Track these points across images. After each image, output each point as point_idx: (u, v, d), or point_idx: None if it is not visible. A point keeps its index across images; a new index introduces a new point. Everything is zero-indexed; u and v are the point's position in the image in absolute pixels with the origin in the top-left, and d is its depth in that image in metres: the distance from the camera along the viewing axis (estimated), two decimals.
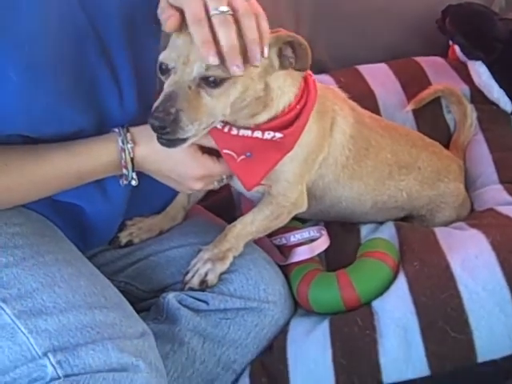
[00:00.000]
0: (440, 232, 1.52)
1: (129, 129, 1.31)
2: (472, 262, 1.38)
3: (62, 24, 1.18)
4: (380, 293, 1.40)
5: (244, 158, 1.31)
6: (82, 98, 1.26)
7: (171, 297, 1.40)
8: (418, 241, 1.49)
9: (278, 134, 1.29)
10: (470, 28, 1.98)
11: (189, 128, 1.14)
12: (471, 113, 1.94)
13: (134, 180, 1.32)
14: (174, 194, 1.54)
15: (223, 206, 1.74)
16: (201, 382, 1.37)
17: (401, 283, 1.39)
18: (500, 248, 1.39)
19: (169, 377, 1.31)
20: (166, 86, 1.16)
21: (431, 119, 1.97)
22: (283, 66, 1.22)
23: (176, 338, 1.36)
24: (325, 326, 1.37)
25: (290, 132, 1.30)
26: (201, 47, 1.08)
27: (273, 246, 1.57)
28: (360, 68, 2.09)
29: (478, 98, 1.98)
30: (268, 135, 1.28)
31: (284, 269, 1.52)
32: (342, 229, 1.64)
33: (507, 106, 1.93)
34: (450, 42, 2.14)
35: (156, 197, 1.54)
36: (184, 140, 1.18)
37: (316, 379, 1.33)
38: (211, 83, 1.14)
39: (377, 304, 1.38)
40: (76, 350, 1.11)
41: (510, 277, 1.34)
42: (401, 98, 1.99)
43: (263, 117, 1.29)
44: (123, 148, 1.28)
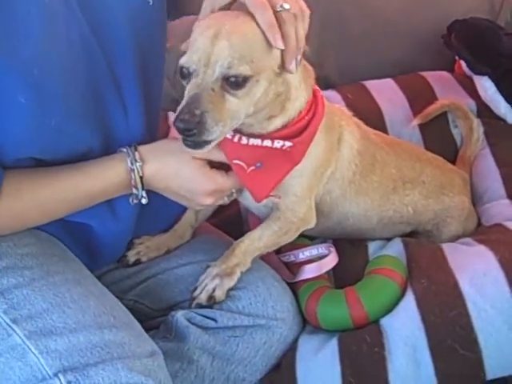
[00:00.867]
0: (448, 248, 1.52)
1: (137, 147, 1.31)
2: (480, 279, 1.37)
3: (72, 47, 1.19)
4: (388, 310, 1.40)
5: (254, 168, 1.31)
6: (90, 118, 1.27)
7: (180, 315, 1.40)
8: (425, 257, 1.49)
9: (288, 143, 1.29)
10: (475, 43, 1.99)
11: (214, 129, 1.15)
12: (478, 127, 1.94)
13: (143, 198, 1.33)
14: (182, 210, 1.54)
15: (231, 223, 1.74)
16: None
17: (409, 301, 1.38)
18: (508, 265, 1.39)
19: None
20: (188, 88, 1.17)
21: (438, 134, 1.98)
22: None
23: (185, 356, 1.36)
24: (333, 344, 1.37)
25: (299, 141, 1.31)
26: (267, 30, 1.13)
27: (281, 262, 1.57)
28: (366, 83, 2.10)
29: (485, 112, 1.98)
30: (278, 144, 1.29)
31: (292, 285, 1.52)
32: (350, 245, 1.64)
33: None
34: (456, 57, 2.14)
35: (164, 214, 1.54)
36: (208, 142, 1.18)
37: None
38: (234, 84, 1.15)
39: (385, 321, 1.38)
40: (86, 370, 1.12)
41: None
42: (407, 113, 2.00)
43: (278, 121, 1.30)
44: (132, 168, 1.29)
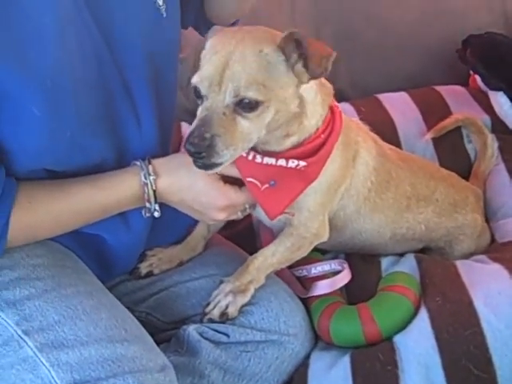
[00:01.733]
0: (461, 265, 1.51)
1: (150, 161, 1.31)
2: (495, 298, 1.36)
3: (84, 59, 1.19)
4: (401, 327, 1.39)
5: (268, 186, 1.30)
6: (103, 130, 1.27)
7: (192, 329, 1.39)
8: (439, 274, 1.48)
9: (302, 163, 1.28)
10: (491, 58, 1.99)
11: (224, 153, 1.14)
12: (492, 143, 1.93)
13: (156, 212, 1.32)
14: (194, 223, 1.54)
15: (244, 235, 1.74)
16: None
17: (422, 319, 1.37)
18: None
19: None
20: (199, 110, 1.17)
21: (452, 149, 1.97)
22: (290, 64, 1.18)
23: (196, 370, 1.35)
24: (346, 361, 1.36)
25: (314, 161, 1.30)
26: None
27: (294, 277, 1.56)
28: (380, 97, 2.10)
29: (500, 127, 1.98)
30: (292, 163, 1.28)
31: (304, 301, 1.51)
32: (363, 261, 1.63)
33: None
34: (471, 72, 2.14)
35: (177, 226, 1.54)
36: (219, 164, 1.18)
37: None
38: (246, 107, 1.14)
39: (398, 339, 1.37)
40: None
41: None
42: (421, 127, 2.00)
43: (294, 138, 1.28)
44: (145, 182, 1.29)
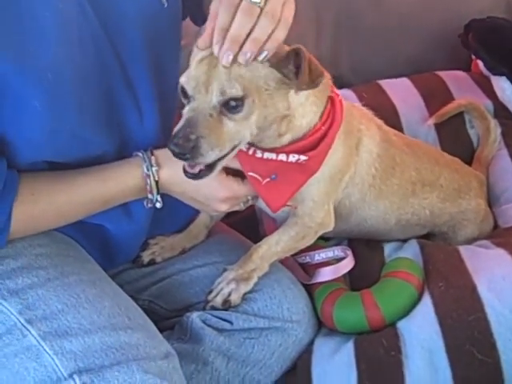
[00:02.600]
0: (465, 251, 1.50)
1: (153, 152, 1.31)
2: (499, 283, 1.35)
3: (85, 51, 1.18)
4: (405, 313, 1.38)
5: (269, 180, 1.29)
6: (105, 121, 1.26)
7: (195, 316, 1.39)
8: (442, 260, 1.48)
9: (303, 157, 1.27)
10: (493, 43, 1.97)
11: (209, 154, 1.13)
12: (495, 128, 1.92)
13: (158, 203, 1.32)
14: (195, 212, 1.54)
15: (246, 222, 1.73)
16: None
17: (426, 304, 1.37)
18: None
19: None
20: (185, 111, 1.16)
21: (454, 134, 1.96)
22: (288, 77, 1.16)
23: (200, 357, 1.36)
24: (349, 348, 1.36)
25: (314, 154, 1.28)
26: (216, 33, 1.09)
27: (297, 264, 1.56)
28: (382, 83, 2.09)
29: (502, 112, 1.97)
30: (293, 158, 1.27)
31: (308, 287, 1.51)
32: (366, 247, 1.62)
33: None
34: (473, 57, 2.12)
35: (179, 215, 1.53)
36: (210, 170, 1.18)
37: None
38: (232, 108, 1.13)
39: (402, 325, 1.37)
40: (101, 372, 1.11)
41: None
42: (423, 113, 1.99)
43: (288, 137, 1.27)
44: (148, 174, 1.28)
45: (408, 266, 1.46)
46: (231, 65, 1.10)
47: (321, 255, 1.55)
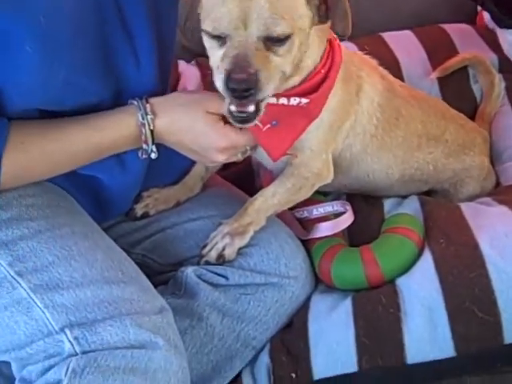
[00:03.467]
0: (466, 208, 1.49)
1: (148, 100, 1.27)
2: (502, 240, 1.34)
3: None
4: (405, 270, 1.37)
5: (270, 126, 1.27)
6: (99, 68, 1.23)
7: (190, 271, 1.37)
8: (443, 217, 1.46)
9: (304, 100, 1.26)
10: None
11: (265, 88, 1.12)
12: (499, 83, 1.89)
13: (153, 153, 1.29)
14: (191, 164, 1.51)
15: (242, 175, 1.70)
16: (219, 359, 1.35)
17: (426, 261, 1.36)
18: None
19: (187, 353, 1.28)
20: (227, 49, 1.12)
21: (457, 89, 1.93)
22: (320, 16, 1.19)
23: (195, 313, 1.34)
24: (347, 304, 1.35)
25: (315, 97, 1.27)
26: None
27: (294, 219, 1.53)
28: (384, 35, 2.05)
29: (507, 67, 1.94)
30: (294, 101, 1.26)
31: (305, 243, 1.49)
32: (366, 203, 1.60)
33: None
34: (479, 9, 2.08)
35: (174, 166, 1.51)
36: (256, 112, 1.16)
37: (338, 358, 1.31)
38: (277, 42, 1.12)
39: (401, 282, 1.35)
40: (94, 326, 1.10)
41: None
42: (426, 67, 1.95)
43: (294, 80, 1.26)
44: (143, 123, 1.25)
45: (408, 222, 1.44)
46: None
47: (319, 210, 1.52)
